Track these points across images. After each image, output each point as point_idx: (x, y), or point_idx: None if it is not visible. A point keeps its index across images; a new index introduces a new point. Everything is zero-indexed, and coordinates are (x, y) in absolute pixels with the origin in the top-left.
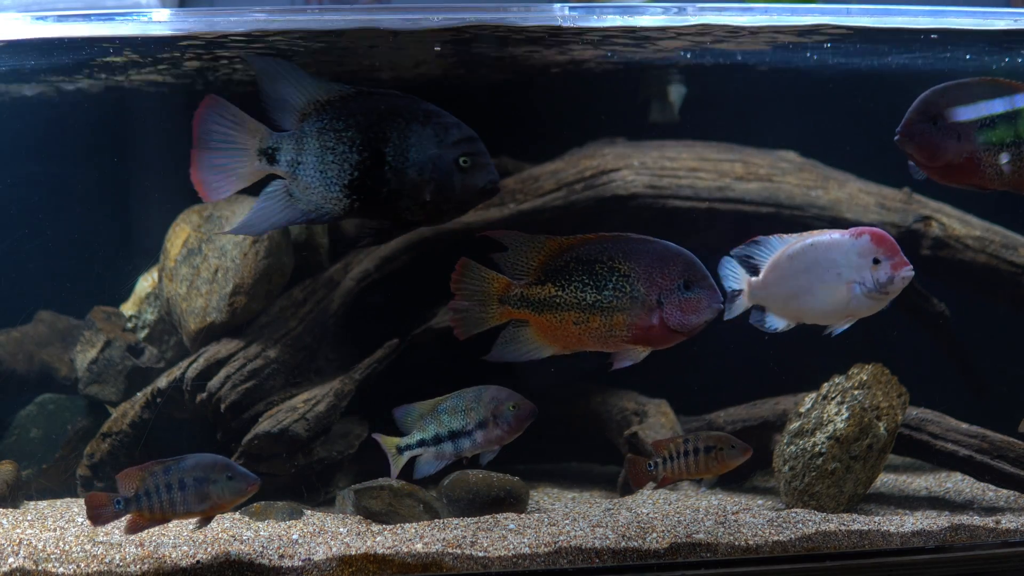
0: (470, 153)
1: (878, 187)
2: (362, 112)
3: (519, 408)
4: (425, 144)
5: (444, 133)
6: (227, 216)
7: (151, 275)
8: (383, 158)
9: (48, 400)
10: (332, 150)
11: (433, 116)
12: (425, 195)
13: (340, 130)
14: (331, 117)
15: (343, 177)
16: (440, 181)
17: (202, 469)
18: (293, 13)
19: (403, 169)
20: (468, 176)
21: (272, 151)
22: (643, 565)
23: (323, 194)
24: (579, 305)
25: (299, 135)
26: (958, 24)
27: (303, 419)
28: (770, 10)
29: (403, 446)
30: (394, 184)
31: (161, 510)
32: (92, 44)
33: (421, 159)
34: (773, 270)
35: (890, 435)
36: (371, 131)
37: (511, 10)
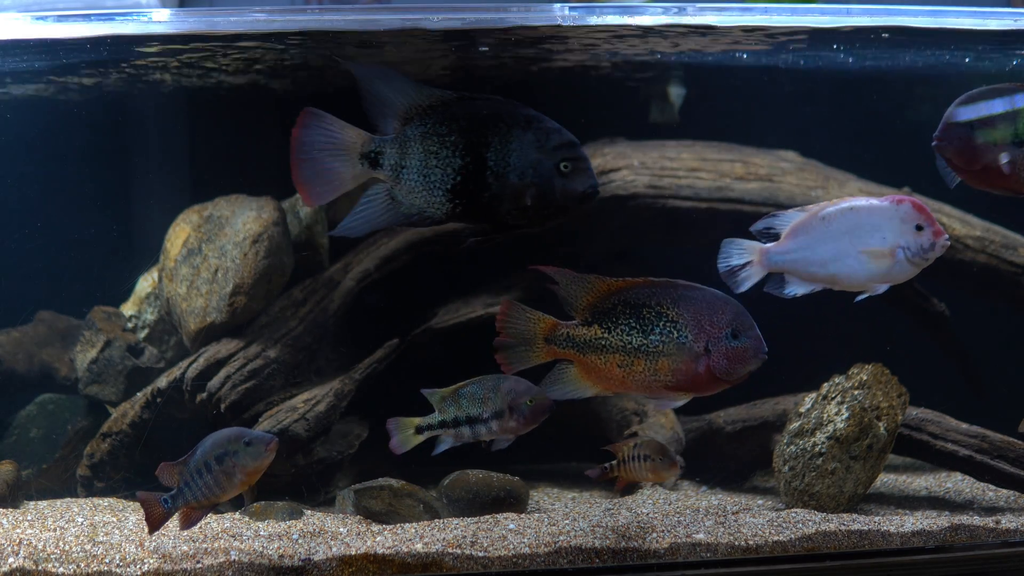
0: (570, 158)
1: (878, 187)
2: (465, 117)
3: (536, 403)
4: (526, 149)
5: (545, 138)
6: (227, 216)
7: (151, 275)
8: (485, 163)
9: (48, 400)
10: (435, 154)
11: (534, 121)
12: (526, 199)
13: (443, 135)
14: (434, 122)
15: (446, 181)
16: (541, 186)
17: (220, 445)
18: (293, 13)
19: (504, 174)
20: (568, 181)
21: (375, 155)
22: (643, 565)
23: (426, 198)
24: (624, 348)
25: (402, 139)
26: (958, 24)
27: (303, 419)
28: (770, 10)
29: (423, 425)
30: (495, 189)
31: (205, 496)
32: (92, 44)
33: (522, 164)
34: (803, 233)
35: (890, 435)
36: (474, 136)
37: (511, 10)
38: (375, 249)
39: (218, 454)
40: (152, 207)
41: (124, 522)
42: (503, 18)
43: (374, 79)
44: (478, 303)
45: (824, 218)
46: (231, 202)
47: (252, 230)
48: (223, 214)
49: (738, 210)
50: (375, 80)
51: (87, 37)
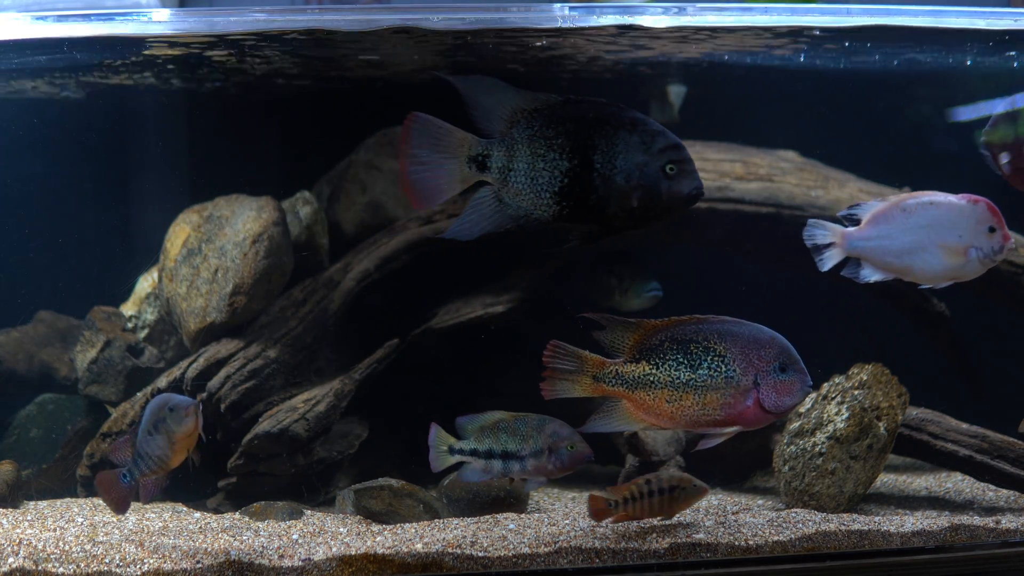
0: (676, 160)
1: (878, 187)
2: (571, 119)
3: (576, 450)
4: (632, 151)
5: (651, 140)
6: (227, 216)
7: (151, 275)
8: (592, 165)
9: (48, 400)
10: (543, 157)
11: (639, 124)
12: (632, 201)
13: (550, 137)
14: (541, 124)
15: (553, 184)
16: (647, 188)
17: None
18: (293, 13)
19: (611, 176)
20: (674, 183)
21: (482, 158)
22: (643, 565)
23: (533, 200)
24: (673, 384)
25: (509, 142)
26: (958, 24)
27: (303, 419)
28: (770, 10)
29: (456, 448)
30: (602, 191)
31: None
32: (92, 43)
33: (628, 166)
34: (883, 221)
35: (890, 435)
36: (580, 138)
37: (511, 10)
38: (375, 249)
39: (154, 422)
40: (152, 207)
41: (124, 522)
42: (503, 18)
43: (476, 90)
44: (478, 303)
45: (905, 209)
46: (231, 202)
47: (252, 230)
48: (223, 214)
49: (738, 210)
50: (478, 91)
51: (87, 37)
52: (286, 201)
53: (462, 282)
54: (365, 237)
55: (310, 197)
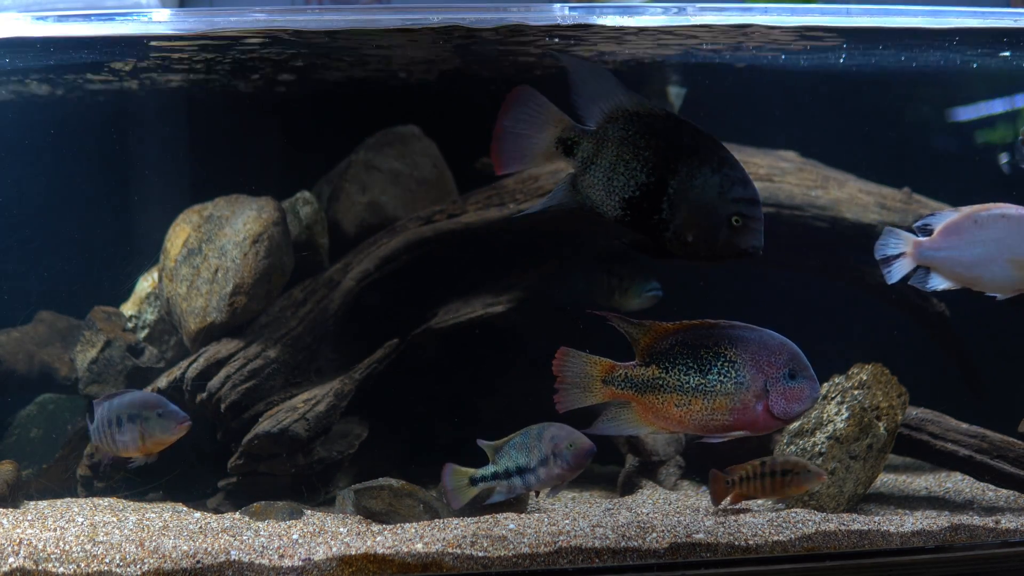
0: (745, 215)
1: (878, 187)
2: (664, 137)
3: (575, 447)
4: (708, 190)
5: (729, 187)
6: (227, 216)
7: (151, 275)
8: (666, 188)
9: (48, 400)
10: (625, 162)
11: (725, 166)
12: (688, 236)
13: (639, 147)
14: (635, 131)
15: (625, 191)
16: (708, 230)
17: (134, 407)
18: (293, 13)
19: (679, 204)
20: (735, 234)
21: (571, 143)
22: (643, 565)
23: (602, 197)
24: (682, 388)
25: (601, 136)
26: (958, 24)
27: (303, 419)
28: (769, 10)
29: (478, 477)
30: (666, 215)
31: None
32: (92, 44)
33: (699, 203)
34: (955, 233)
35: (890, 435)
36: (666, 159)
37: (511, 10)
38: (375, 249)
39: (131, 414)
40: (152, 207)
41: (124, 522)
42: (503, 18)
43: (585, 74)
44: (478, 303)
45: (976, 221)
46: (231, 202)
47: (252, 230)
48: (223, 214)
49: None
50: (586, 74)
51: (87, 37)
52: (286, 201)
53: (462, 282)
54: (365, 237)
55: (310, 197)
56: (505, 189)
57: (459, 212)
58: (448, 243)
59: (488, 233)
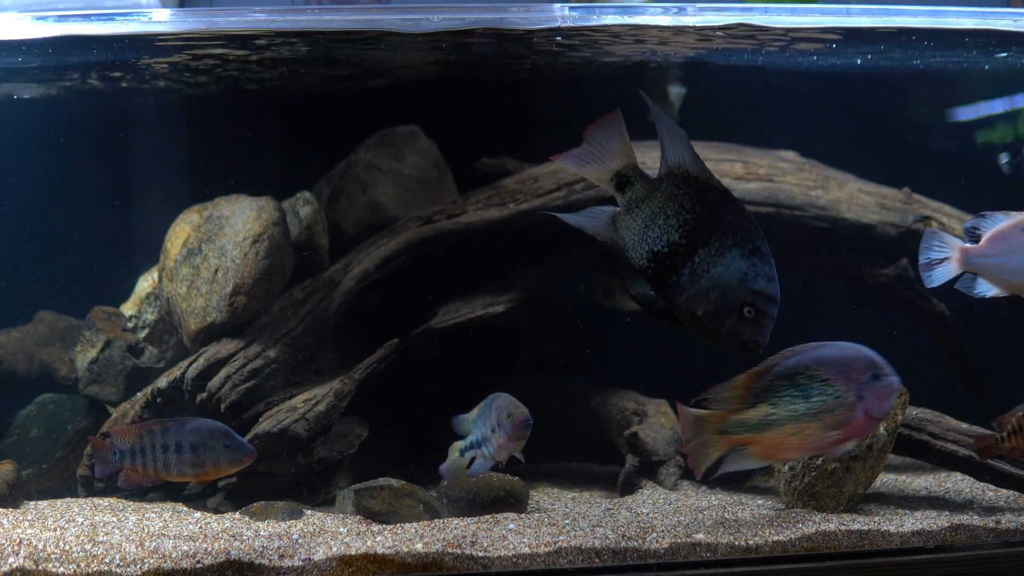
0: (759, 310)
1: (878, 187)
2: (710, 208)
3: (513, 418)
4: (731, 273)
5: (753, 277)
6: (227, 216)
7: (151, 275)
8: (692, 256)
9: (48, 400)
10: (666, 216)
11: (755, 255)
12: (698, 309)
13: (684, 208)
14: (685, 192)
15: (656, 243)
16: (717, 309)
17: (200, 435)
18: (293, 13)
19: (699, 276)
20: (742, 324)
21: (626, 180)
22: (643, 565)
23: (632, 244)
24: (794, 417)
25: (653, 186)
26: (958, 24)
27: (303, 419)
28: (769, 10)
29: (464, 447)
30: (684, 281)
31: (155, 469)
32: (92, 44)
33: (719, 282)
34: (1002, 241)
35: (890, 435)
36: (703, 228)
37: (511, 10)
38: (375, 249)
39: (194, 442)
40: (152, 207)
41: (124, 522)
42: (503, 18)
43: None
44: (478, 303)
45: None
46: (231, 202)
47: (252, 230)
48: (223, 214)
49: None
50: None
51: (87, 37)
52: (286, 201)
53: (462, 282)
54: (365, 237)
55: (310, 197)
56: (505, 189)
57: (459, 212)
58: (448, 243)
59: (488, 233)
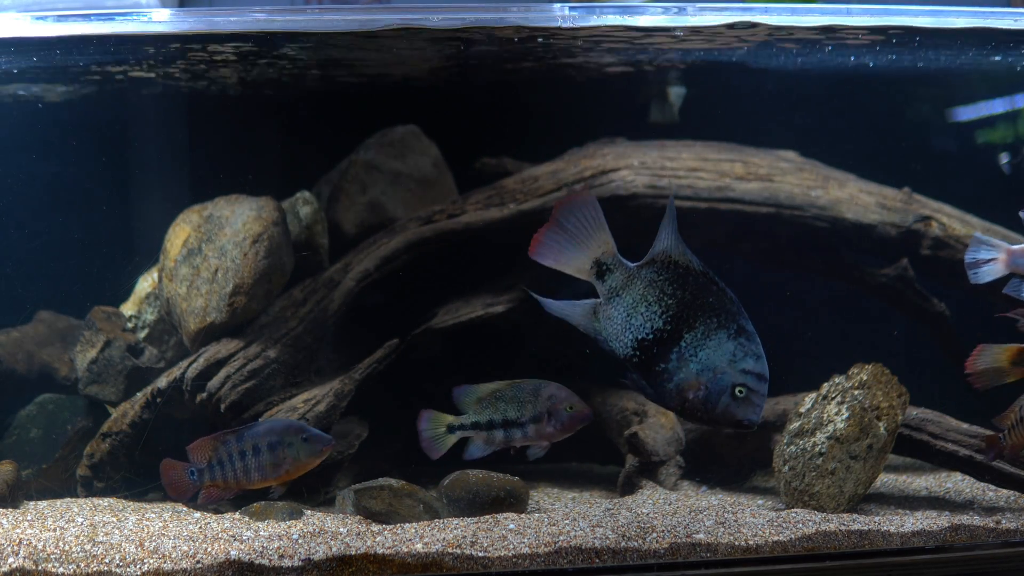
0: (751, 388)
1: (878, 187)
2: (691, 292)
3: (575, 410)
4: (719, 354)
5: (742, 357)
6: (227, 216)
7: (151, 275)
8: (679, 341)
9: (48, 400)
10: (648, 305)
11: (742, 335)
12: (689, 394)
13: (665, 294)
14: (665, 278)
15: (639, 332)
16: (709, 393)
17: (276, 433)
18: (293, 13)
19: (687, 360)
20: (735, 404)
21: (605, 268)
22: (643, 565)
23: (616, 333)
24: None
25: (634, 273)
26: (958, 24)
27: (303, 419)
28: (770, 10)
29: (456, 425)
30: (672, 367)
31: (235, 478)
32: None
33: (707, 364)
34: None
35: (890, 435)
36: (686, 313)
37: (511, 10)
38: (375, 249)
39: (272, 441)
40: (152, 207)
41: (124, 522)
42: (503, 18)
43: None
44: (478, 303)
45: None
46: (231, 202)
47: (252, 230)
48: (223, 214)
49: (738, 210)
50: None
51: (87, 36)
52: (286, 201)
53: (462, 282)
54: (365, 237)
55: (310, 197)
56: (505, 189)
57: (459, 212)
58: (448, 243)
59: (488, 233)
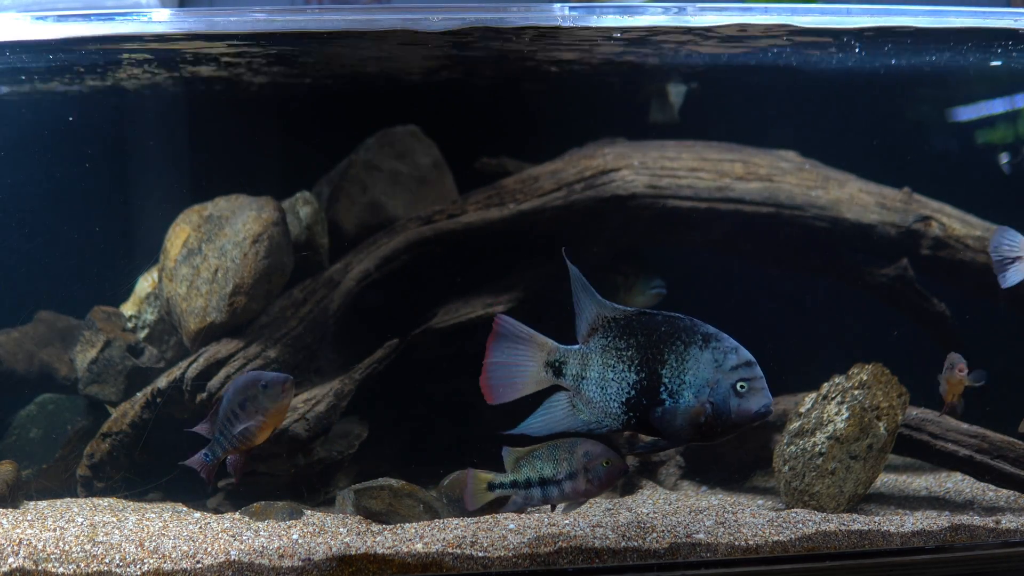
0: (747, 379)
1: (878, 187)
2: (643, 332)
3: (611, 465)
4: (702, 369)
5: (723, 358)
6: (227, 216)
7: (151, 275)
8: (660, 379)
9: (48, 400)
10: (612, 367)
11: (712, 340)
12: (700, 419)
13: (621, 349)
14: (614, 335)
15: (621, 395)
16: (717, 405)
17: (240, 392)
18: (293, 13)
19: (679, 391)
20: (744, 401)
21: (559, 364)
22: (643, 565)
23: (603, 408)
24: None
25: (584, 351)
26: (958, 24)
27: (303, 419)
28: (770, 10)
29: (496, 483)
30: (670, 405)
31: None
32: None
33: (698, 383)
34: None
35: (890, 435)
36: (650, 352)
37: (511, 10)
38: (375, 249)
39: (240, 400)
40: (152, 207)
41: (124, 522)
42: (503, 18)
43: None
44: (478, 303)
45: None
46: (231, 202)
47: (252, 230)
48: (223, 214)
49: (738, 210)
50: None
51: (87, 37)
52: (286, 201)
53: (462, 282)
54: (365, 237)
55: (310, 197)
56: (505, 189)
57: (459, 212)
58: (448, 243)
59: (488, 233)
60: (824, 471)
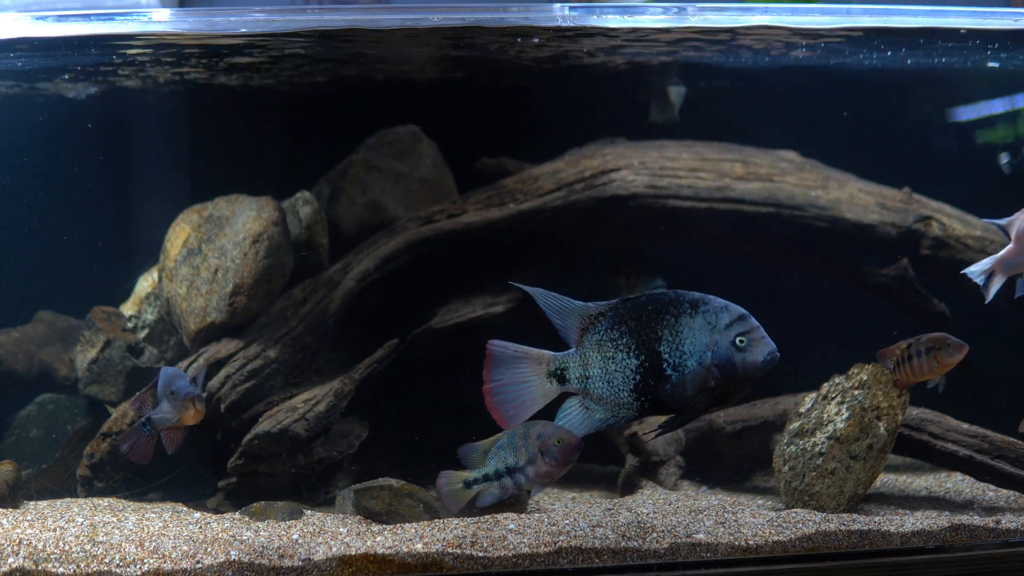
0: (744, 331)
1: (878, 187)
2: (632, 317)
3: (564, 443)
4: (698, 334)
5: (715, 319)
6: (227, 216)
7: (151, 275)
8: (660, 356)
9: (48, 400)
10: (612, 359)
11: (700, 304)
12: (709, 383)
13: (616, 339)
14: (605, 328)
15: (628, 383)
16: (722, 366)
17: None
18: (293, 13)
19: (682, 362)
20: (747, 353)
21: (561, 372)
22: (643, 565)
23: (615, 401)
24: None
25: (581, 352)
26: (958, 24)
27: (303, 419)
28: (770, 10)
29: (470, 480)
30: (676, 379)
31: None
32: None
33: (698, 349)
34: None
35: (890, 435)
36: (644, 333)
37: (511, 10)
38: (375, 249)
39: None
40: (152, 207)
41: (124, 522)
42: (503, 18)
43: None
44: (478, 303)
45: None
46: (231, 202)
47: (252, 230)
48: (223, 214)
49: (738, 210)
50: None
51: (87, 36)
52: (286, 201)
53: (462, 282)
54: (365, 237)
55: (310, 197)
56: (505, 189)
57: (459, 212)
58: (448, 243)
59: (488, 233)
60: (824, 471)
